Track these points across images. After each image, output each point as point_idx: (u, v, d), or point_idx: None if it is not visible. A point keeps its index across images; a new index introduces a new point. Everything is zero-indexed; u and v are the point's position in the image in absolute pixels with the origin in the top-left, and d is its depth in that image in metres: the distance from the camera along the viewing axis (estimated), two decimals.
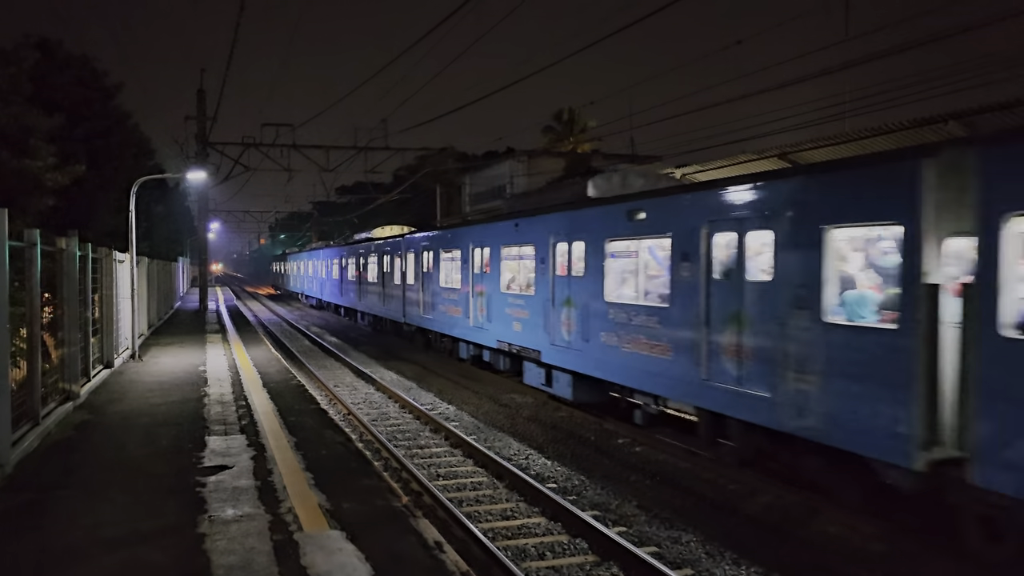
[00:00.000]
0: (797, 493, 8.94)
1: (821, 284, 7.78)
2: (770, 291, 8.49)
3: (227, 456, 8.30)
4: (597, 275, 12.16)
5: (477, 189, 44.85)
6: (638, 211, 11.17)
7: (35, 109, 15.02)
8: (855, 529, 8.00)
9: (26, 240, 8.80)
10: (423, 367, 20.16)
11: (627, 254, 12.04)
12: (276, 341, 25.98)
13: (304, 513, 6.42)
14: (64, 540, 5.88)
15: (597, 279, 12.15)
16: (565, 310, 13.20)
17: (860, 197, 7.48)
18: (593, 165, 36.04)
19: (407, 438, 12.47)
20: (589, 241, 12.49)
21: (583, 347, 12.56)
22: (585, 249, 12.61)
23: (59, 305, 11.06)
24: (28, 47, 16.82)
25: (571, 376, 13.25)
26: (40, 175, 14.21)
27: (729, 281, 9.18)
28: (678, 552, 7.65)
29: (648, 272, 11.53)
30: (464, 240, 18.19)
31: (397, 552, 5.64)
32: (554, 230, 13.61)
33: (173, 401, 11.68)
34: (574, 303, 12.88)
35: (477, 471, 10.57)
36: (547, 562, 7.38)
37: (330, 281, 37.96)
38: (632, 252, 11.92)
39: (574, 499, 9.14)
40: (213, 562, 5.37)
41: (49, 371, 10.48)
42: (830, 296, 7.77)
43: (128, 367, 15.61)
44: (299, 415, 10.89)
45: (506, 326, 15.65)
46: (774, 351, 8.38)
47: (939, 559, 7.24)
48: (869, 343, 7.29)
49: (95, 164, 18.35)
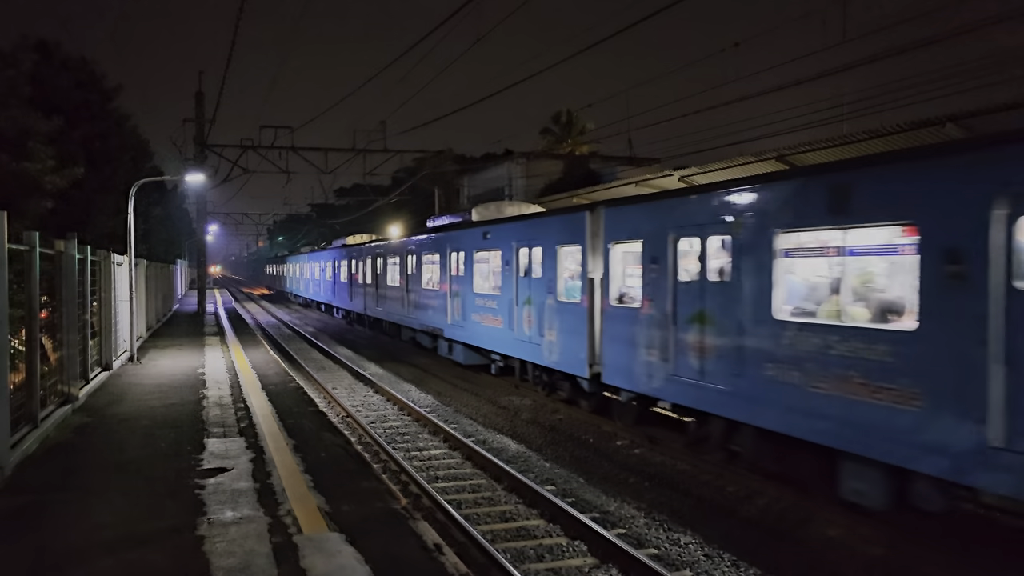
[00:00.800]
0: (795, 495, 8.95)
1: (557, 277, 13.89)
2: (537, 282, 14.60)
3: (226, 458, 8.30)
4: (468, 275, 17.96)
5: (475, 191, 44.83)
6: (487, 232, 16.89)
7: (34, 111, 15.01)
8: (853, 531, 8.01)
9: (25, 242, 8.80)
10: (422, 369, 20.17)
11: (484, 260, 17.50)
12: (274, 343, 25.96)
13: (303, 515, 6.42)
14: (63, 542, 5.88)
15: (468, 278, 17.96)
16: (455, 300, 18.86)
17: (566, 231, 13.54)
18: (592, 167, 36.07)
19: (406, 440, 12.47)
20: (465, 250, 18.29)
21: (464, 325, 18.29)
22: (464, 257, 18.31)
23: (58, 307, 11.06)
24: (26, 49, 16.81)
25: (462, 346, 18.83)
26: (39, 177, 14.20)
27: (527, 278, 15.03)
28: (677, 554, 7.66)
29: (494, 272, 16.85)
30: (402, 249, 24.22)
31: (396, 554, 5.65)
32: (446, 243, 19.53)
33: (172, 403, 11.67)
34: (460, 295, 18.53)
35: (476, 473, 10.57)
36: (546, 564, 7.38)
37: (313, 281, 44.01)
38: (486, 259, 17.36)
39: (573, 501, 9.14)
40: (212, 564, 5.37)
41: (48, 373, 10.47)
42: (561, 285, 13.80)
43: (127, 369, 15.60)
44: (298, 417, 10.89)
45: (425, 313, 21.55)
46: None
47: (937, 562, 7.25)
48: None
49: (94, 166, 18.33)
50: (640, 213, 11.58)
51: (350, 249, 33.20)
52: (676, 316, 10.40)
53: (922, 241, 7.02)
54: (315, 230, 67.95)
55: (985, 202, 6.44)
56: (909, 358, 7.06)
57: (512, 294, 15.58)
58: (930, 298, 6.92)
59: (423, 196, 49.93)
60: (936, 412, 6.77)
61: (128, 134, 23.57)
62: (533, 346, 14.75)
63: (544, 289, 14.29)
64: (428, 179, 40.18)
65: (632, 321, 11.42)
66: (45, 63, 18.09)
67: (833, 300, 8.28)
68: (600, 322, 12.46)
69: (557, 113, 47.08)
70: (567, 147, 45.00)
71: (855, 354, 7.58)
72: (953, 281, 6.69)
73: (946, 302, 6.75)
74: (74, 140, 17.49)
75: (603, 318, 12.35)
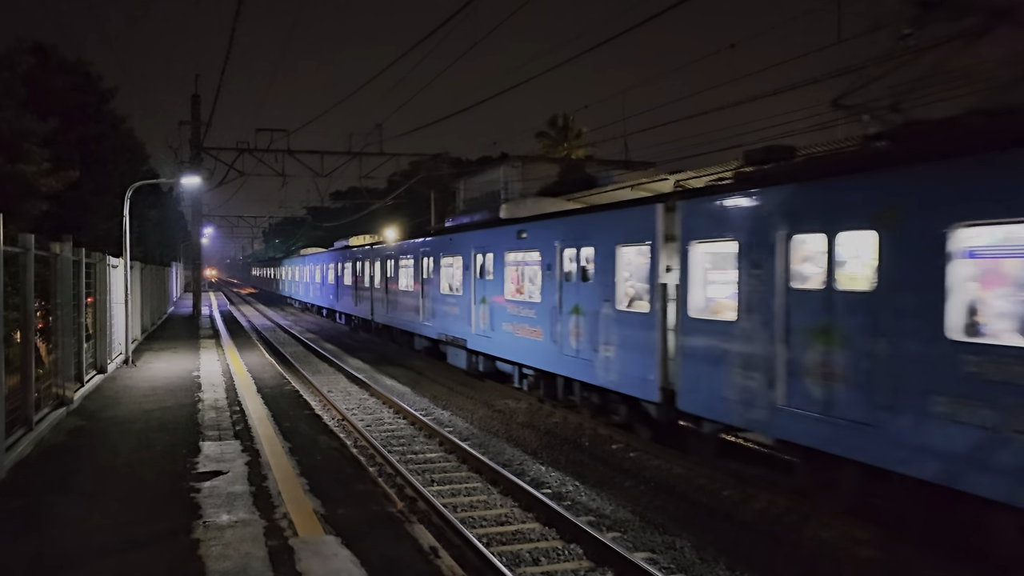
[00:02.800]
0: (790, 499, 8.97)
1: None
2: None
3: (221, 462, 8.29)
4: (499, 280, 16.34)
5: (471, 194, 44.84)
6: (523, 231, 15.24)
7: (29, 113, 15.00)
8: (848, 535, 8.03)
9: (20, 245, 8.78)
10: (418, 373, 20.15)
11: (518, 263, 15.88)
12: (269, 346, 25.92)
13: (299, 519, 6.42)
14: (58, 546, 5.87)
15: (498, 283, 16.34)
16: (480, 307, 17.21)
17: None
18: (587, 171, 36.11)
19: (401, 444, 12.46)
20: (494, 252, 16.69)
21: (492, 335, 16.65)
22: (494, 259, 16.66)
23: (53, 310, 11.03)
24: (22, 51, 16.78)
25: (482, 356, 17.72)
26: (34, 180, 14.19)
27: (575, 283, 13.25)
28: (672, 558, 7.66)
29: (531, 276, 15.32)
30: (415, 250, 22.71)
31: (392, 558, 5.65)
32: (470, 244, 17.98)
33: (167, 406, 11.65)
34: (488, 302, 16.87)
35: (472, 476, 10.57)
36: (542, 567, 7.39)
37: (313, 285, 44.84)
38: (521, 261, 15.75)
39: (568, 505, 9.15)
40: (208, 568, 5.36)
41: (43, 376, 10.44)
42: None
43: (122, 372, 15.56)
44: (293, 420, 10.88)
45: (445, 321, 19.82)
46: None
47: (933, 565, 7.27)
48: None
49: (89, 169, 18.33)
50: (735, 205, 9.49)
51: (355, 251, 31.72)
52: (788, 332, 8.42)
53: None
54: (310, 233, 67.98)
55: None
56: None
57: (555, 301, 13.74)
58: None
59: (419, 199, 49.95)
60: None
61: (124, 136, 23.57)
62: (582, 362, 12.86)
63: (598, 296, 12.39)
64: (424, 182, 40.20)
65: (722, 337, 9.50)
66: (41, 65, 18.07)
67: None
68: (676, 337, 10.55)
69: (553, 117, 47.18)
70: (563, 151, 45.08)
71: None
72: None
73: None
74: (70, 142, 17.49)
75: (680, 332, 10.43)
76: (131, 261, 17.96)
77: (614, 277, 12.02)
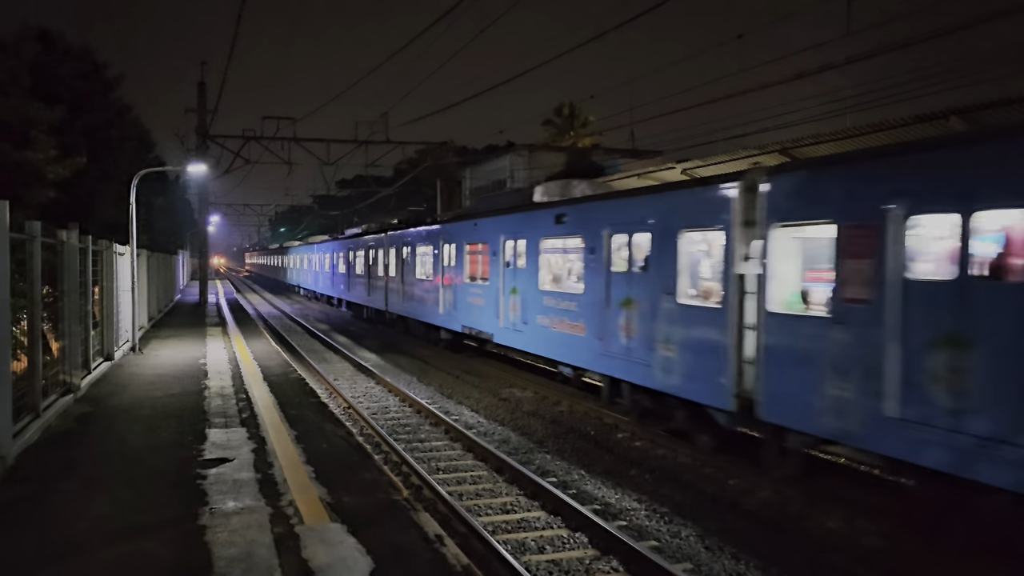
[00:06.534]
0: (796, 488, 8.95)
1: None
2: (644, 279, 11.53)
3: (228, 449, 8.31)
4: (532, 268, 15.19)
5: (477, 183, 44.81)
6: (563, 215, 14.03)
7: (36, 101, 14.98)
8: (854, 524, 8.02)
9: (27, 232, 8.80)
10: (424, 361, 20.18)
11: (557, 250, 14.78)
12: (276, 334, 25.97)
13: (305, 506, 6.44)
14: (64, 532, 5.90)
15: (532, 272, 15.20)
16: (510, 298, 16.20)
17: None
18: (594, 160, 36.02)
19: (407, 432, 12.49)
20: (527, 238, 15.45)
21: (524, 329, 15.55)
22: (527, 246, 15.48)
23: (60, 297, 11.07)
24: (29, 39, 16.76)
25: None
26: (41, 167, 14.18)
27: (627, 273, 12.02)
28: (678, 546, 7.67)
29: (571, 265, 14.36)
30: (438, 237, 21.50)
31: (398, 545, 5.66)
32: (498, 230, 16.85)
33: (173, 394, 11.69)
34: (520, 293, 15.80)
35: (477, 465, 10.59)
36: (547, 556, 7.39)
37: (322, 274, 44.19)
38: (560, 248, 14.69)
39: (574, 493, 9.15)
40: (214, 554, 5.38)
41: (50, 363, 10.48)
42: None
43: (128, 360, 15.62)
44: (299, 408, 10.90)
45: (469, 313, 18.80)
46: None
47: (937, 556, 7.25)
48: None
49: (96, 157, 18.30)
50: (835, 179, 8.19)
51: (367, 239, 30.72)
52: (906, 333, 7.17)
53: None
54: (316, 221, 68.11)
55: None
56: None
57: (601, 293, 12.40)
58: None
59: (425, 187, 49.92)
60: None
61: (130, 124, 23.53)
62: (635, 363, 11.53)
63: (656, 288, 10.99)
64: (430, 171, 40.19)
65: (816, 337, 8.22)
66: (47, 53, 18.05)
67: None
68: (757, 336, 9.14)
69: (560, 105, 47.08)
70: (569, 139, 44.96)
71: None
72: None
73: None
74: (76, 130, 17.46)
75: (762, 330, 9.04)
76: (138, 248, 17.98)
77: (676, 266, 10.66)
